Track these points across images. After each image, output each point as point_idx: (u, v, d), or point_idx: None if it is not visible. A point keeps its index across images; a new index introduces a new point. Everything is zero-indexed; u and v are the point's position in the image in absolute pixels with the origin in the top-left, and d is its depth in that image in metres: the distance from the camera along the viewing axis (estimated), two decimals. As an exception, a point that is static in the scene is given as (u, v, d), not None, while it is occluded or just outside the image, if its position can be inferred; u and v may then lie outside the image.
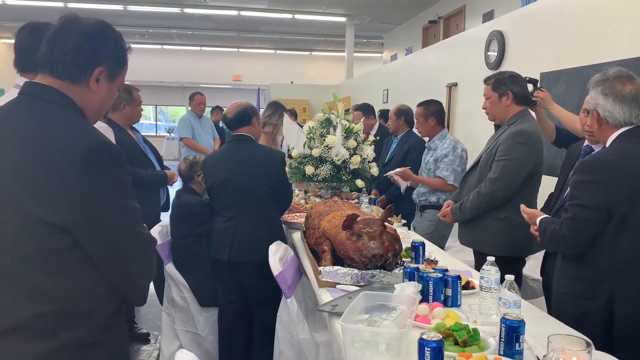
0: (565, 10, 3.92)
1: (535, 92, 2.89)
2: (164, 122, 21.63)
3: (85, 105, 1.38)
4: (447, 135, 3.87)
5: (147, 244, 1.41)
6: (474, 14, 8.56)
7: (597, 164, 1.95)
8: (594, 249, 1.93)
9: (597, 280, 1.93)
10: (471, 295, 2.09)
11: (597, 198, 1.89)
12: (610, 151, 1.97)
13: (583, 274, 1.98)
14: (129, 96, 3.49)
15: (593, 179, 1.92)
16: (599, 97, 1.98)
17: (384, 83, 8.38)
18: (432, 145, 3.86)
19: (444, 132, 3.88)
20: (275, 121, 4.57)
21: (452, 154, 3.72)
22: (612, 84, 1.96)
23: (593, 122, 2.04)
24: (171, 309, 3.27)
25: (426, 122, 3.85)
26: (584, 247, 1.94)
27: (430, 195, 3.79)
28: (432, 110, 3.86)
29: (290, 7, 10.65)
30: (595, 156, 2.01)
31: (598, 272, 1.93)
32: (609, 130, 2.00)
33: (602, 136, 2.05)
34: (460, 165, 3.71)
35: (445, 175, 3.71)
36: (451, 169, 3.70)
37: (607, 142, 2.01)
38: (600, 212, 1.89)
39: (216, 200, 3.09)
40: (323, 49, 16.07)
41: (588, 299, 1.94)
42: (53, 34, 1.35)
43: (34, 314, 1.25)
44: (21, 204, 1.23)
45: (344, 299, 1.97)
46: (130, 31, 13.58)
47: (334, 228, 2.40)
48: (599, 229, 1.90)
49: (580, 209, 1.93)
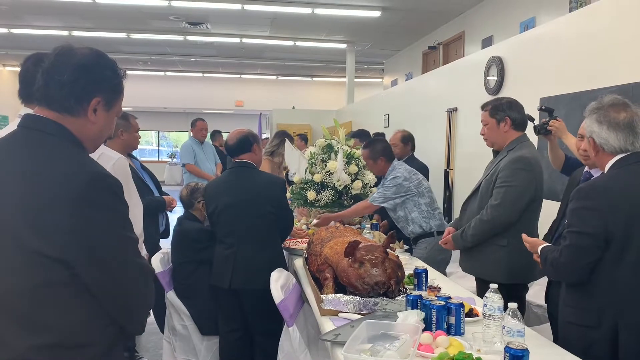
0: (564, 36, 3.97)
1: (551, 121, 2.90)
2: (166, 147, 21.75)
3: (84, 136, 1.39)
4: (395, 167, 3.71)
5: (145, 274, 1.41)
6: (473, 40, 8.67)
7: (593, 190, 1.96)
8: (595, 276, 1.92)
9: (600, 308, 1.91)
10: (474, 323, 2.07)
11: (595, 225, 1.89)
12: (606, 178, 1.99)
13: (586, 302, 1.96)
14: (126, 123, 3.49)
15: (590, 205, 1.92)
16: (594, 124, 2.01)
17: (384, 108, 8.44)
18: (385, 181, 3.71)
19: (393, 164, 3.73)
20: (282, 151, 4.62)
21: (389, 181, 3.61)
22: (607, 111, 1.98)
23: (590, 149, 2.06)
24: (172, 337, 3.24)
25: (376, 164, 3.74)
26: (584, 274, 1.93)
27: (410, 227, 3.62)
28: (379, 149, 3.74)
29: (292, 34, 10.80)
30: (591, 183, 2.02)
31: (600, 299, 1.91)
32: (605, 157, 2.01)
33: (600, 163, 2.06)
34: (394, 194, 3.56)
35: (373, 197, 3.64)
36: (381, 190, 3.61)
37: (605, 168, 2.02)
38: (598, 239, 1.88)
39: (217, 226, 3.09)
40: (324, 74, 16.22)
41: (593, 327, 1.92)
42: (48, 66, 1.35)
43: (31, 347, 1.25)
44: (20, 237, 1.23)
45: (346, 328, 1.95)
46: (133, 58, 13.76)
47: (336, 255, 2.40)
48: (597, 255, 1.90)
49: (578, 236, 1.93)
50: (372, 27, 9.94)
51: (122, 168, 2.43)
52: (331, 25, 9.91)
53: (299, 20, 9.61)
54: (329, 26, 10.04)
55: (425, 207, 3.61)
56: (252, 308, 2.96)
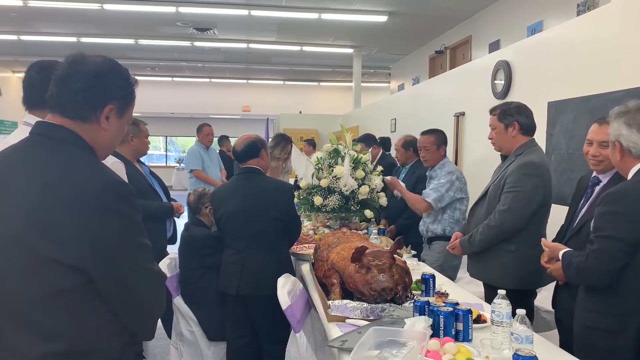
0: (571, 40, 3.95)
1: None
2: (174, 152, 21.84)
3: (96, 143, 1.40)
4: (446, 163, 3.83)
5: (157, 280, 1.42)
6: (480, 44, 8.65)
7: (622, 195, 1.94)
8: (621, 281, 1.90)
9: (625, 313, 1.90)
10: (482, 329, 2.06)
11: (623, 229, 1.88)
12: (636, 183, 1.97)
13: (610, 307, 1.94)
14: (136, 128, 3.52)
15: (618, 210, 1.91)
16: (623, 127, 1.99)
17: (391, 112, 8.43)
18: (434, 174, 3.82)
19: (444, 161, 3.85)
20: (277, 154, 4.52)
21: (444, 177, 3.68)
22: (635, 114, 1.97)
23: (616, 153, 2.04)
24: (179, 343, 3.24)
25: (438, 151, 3.82)
26: (611, 279, 1.92)
27: (435, 226, 3.71)
28: (443, 139, 3.86)
29: (299, 39, 10.83)
30: (621, 188, 2.00)
31: (626, 304, 1.90)
32: (631, 161, 2.00)
33: (624, 167, 2.04)
34: (448, 191, 3.64)
35: (426, 192, 3.67)
36: (435, 188, 3.66)
37: (630, 173, 2.00)
38: (626, 244, 1.87)
39: (225, 232, 3.09)
40: (331, 79, 16.25)
41: (616, 332, 1.91)
42: (62, 74, 1.36)
43: (44, 353, 1.25)
44: (33, 244, 1.23)
45: (353, 334, 1.94)
46: (141, 64, 13.85)
47: (342, 260, 2.39)
48: (625, 260, 1.88)
49: (606, 241, 1.91)
50: (378, 32, 9.95)
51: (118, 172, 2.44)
52: (338, 30, 9.94)
53: (305, 26, 9.64)
54: (336, 31, 10.06)
55: (459, 215, 3.68)
56: (260, 314, 2.96)
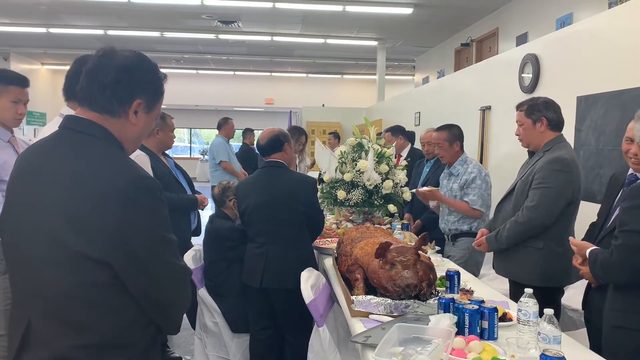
0: (602, 33, 3.85)
1: None
2: (197, 144, 22.06)
3: (124, 137, 1.40)
4: (467, 160, 3.76)
5: (183, 275, 1.43)
6: (508, 37, 8.50)
7: None
8: None
9: None
10: (508, 327, 2.03)
11: None
12: None
13: (637, 305, 1.90)
14: (162, 122, 3.55)
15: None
16: None
17: (416, 106, 8.35)
18: (454, 171, 3.74)
19: (464, 157, 3.77)
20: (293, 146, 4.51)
21: (479, 178, 3.61)
22: None
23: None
24: (203, 334, 3.28)
25: (451, 147, 3.73)
26: (637, 274, 1.87)
27: (462, 224, 3.67)
28: (456, 134, 3.76)
29: (322, 32, 10.79)
30: None
31: None
32: None
33: None
34: (486, 190, 3.61)
35: (472, 199, 3.59)
36: (479, 193, 3.59)
37: None
38: None
39: (248, 225, 3.11)
40: (354, 72, 16.16)
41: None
42: (91, 68, 1.36)
43: (74, 346, 1.27)
44: (64, 239, 1.25)
45: (377, 330, 1.94)
46: (166, 57, 13.96)
47: (366, 256, 2.38)
48: None
49: (631, 235, 1.87)
50: (403, 24, 9.85)
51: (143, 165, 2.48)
52: (362, 22, 9.86)
53: (329, 18, 9.60)
54: (360, 23, 9.98)
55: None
56: (283, 307, 2.97)
